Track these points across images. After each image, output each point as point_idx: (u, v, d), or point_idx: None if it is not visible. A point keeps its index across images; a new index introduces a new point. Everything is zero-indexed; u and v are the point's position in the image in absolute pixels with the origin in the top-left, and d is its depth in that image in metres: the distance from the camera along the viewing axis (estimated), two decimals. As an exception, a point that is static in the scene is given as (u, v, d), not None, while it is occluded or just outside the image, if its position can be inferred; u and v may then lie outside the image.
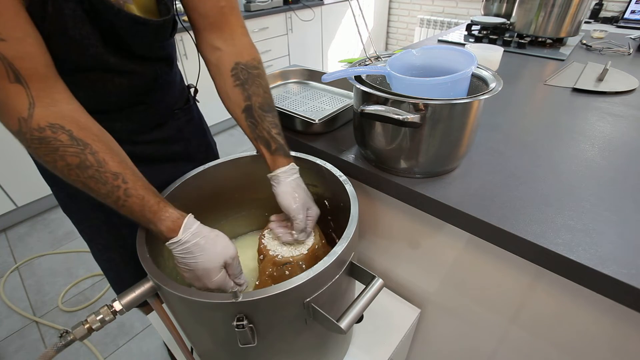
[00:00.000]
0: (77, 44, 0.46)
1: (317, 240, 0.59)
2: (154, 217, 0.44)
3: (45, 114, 0.40)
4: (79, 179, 0.42)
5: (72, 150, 0.40)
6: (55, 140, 0.40)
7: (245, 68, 0.57)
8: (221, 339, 0.47)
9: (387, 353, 0.67)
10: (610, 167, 0.59)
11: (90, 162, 0.41)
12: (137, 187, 0.44)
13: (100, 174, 0.42)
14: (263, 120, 0.57)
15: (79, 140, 0.41)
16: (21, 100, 0.39)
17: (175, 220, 0.45)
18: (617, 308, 0.43)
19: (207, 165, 0.62)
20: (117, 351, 1.27)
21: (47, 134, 0.40)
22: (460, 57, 0.55)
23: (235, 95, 0.57)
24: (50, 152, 0.40)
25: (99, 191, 0.43)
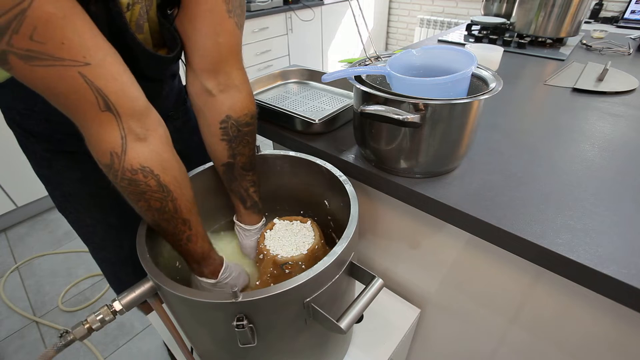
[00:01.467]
0: None
1: (317, 240, 0.59)
2: (203, 262, 0.51)
3: (137, 153, 0.40)
4: (154, 218, 0.44)
5: (157, 196, 0.42)
6: (144, 185, 0.41)
7: (237, 124, 0.53)
8: (221, 339, 0.47)
9: (387, 353, 0.67)
10: (610, 167, 0.59)
11: (169, 209, 0.44)
12: (198, 235, 0.49)
13: (174, 219, 0.45)
14: (242, 178, 0.58)
15: (164, 187, 0.43)
16: (112, 131, 0.37)
17: (217, 266, 0.53)
18: (617, 308, 0.43)
19: (206, 165, 0.62)
20: (117, 351, 1.27)
21: (139, 177, 0.40)
22: (460, 57, 0.55)
23: (220, 150, 0.55)
24: (137, 194, 0.41)
25: (166, 230, 0.46)
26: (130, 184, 0.40)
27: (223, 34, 0.47)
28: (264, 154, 0.65)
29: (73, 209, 0.68)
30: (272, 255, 0.57)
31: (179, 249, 0.49)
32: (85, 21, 0.34)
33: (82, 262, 1.63)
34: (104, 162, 0.39)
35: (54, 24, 0.31)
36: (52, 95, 0.35)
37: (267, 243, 0.60)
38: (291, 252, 0.57)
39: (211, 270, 0.53)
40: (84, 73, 0.34)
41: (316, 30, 2.94)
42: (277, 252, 0.58)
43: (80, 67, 0.33)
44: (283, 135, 0.74)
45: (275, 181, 0.69)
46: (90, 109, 0.36)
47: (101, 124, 0.37)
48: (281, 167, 0.67)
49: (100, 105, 0.36)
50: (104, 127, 0.37)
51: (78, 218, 0.69)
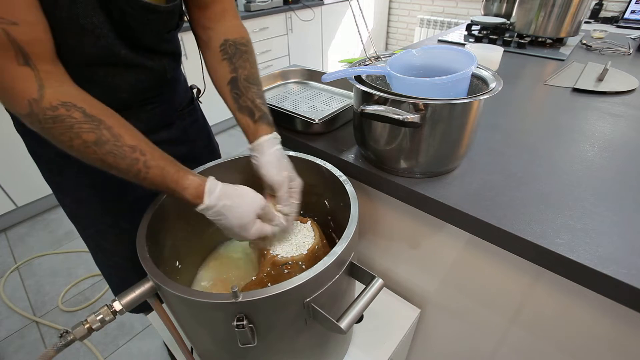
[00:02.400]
0: (88, 34, 0.46)
1: (317, 240, 0.59)
2: (176, 186, 0.45)
3: (56, 93, 0.39)
4: (97, 155, 0.41)
5: (87, 127, 0.40)
6: (69, 118, 0.39)
7: (234, 44, 0.58)
8: (221, 339, 0.47)
9: (387, 353, 0.67)
10: (610, 167, 0.59)
11: (107, 137, 0.41)
12: (155, 158, 0.44)
13: (118, 148, 0.41)
14: (248, 90, 0.57)
15: (92, 116, 0.41)
16: (30, 82, 0.38)
17: (197, 187, 0.46)
18: (617, 308, 0.43)
19: (207, 165, 0.62)
20: (117, 351, 1.27)
21: (61, 111, 0.39)
22: (460, 57, 0.55)
23: (222, 69, 0.58)
24: (65, 131, 0.39)
25: (118, 167, 0.42)
26: (54, 121, 0.39)
27: None
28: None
29: (85, 215, 0.68)
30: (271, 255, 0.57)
31: (147, 183, 0.44)
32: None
33: (82, 262, 1.63)
34: (24, 111, 0.39)
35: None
36: None
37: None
38: (291, 252, 0.57)
39: (192, 193, 0.45)
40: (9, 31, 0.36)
41: (316, 30, 2.94)
42: (276, 252, 0.58)
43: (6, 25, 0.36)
44: (283, 135, 0.73)
45: (275, 181, 0.69)
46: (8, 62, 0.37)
47: (18, 77, 0.38)
48: (281, 167, 0.67)
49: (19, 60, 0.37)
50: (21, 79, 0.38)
51: (90, 224, 0.69)
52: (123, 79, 0.54)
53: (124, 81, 0.54)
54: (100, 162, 0.42)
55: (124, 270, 0.74)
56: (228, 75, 0.57)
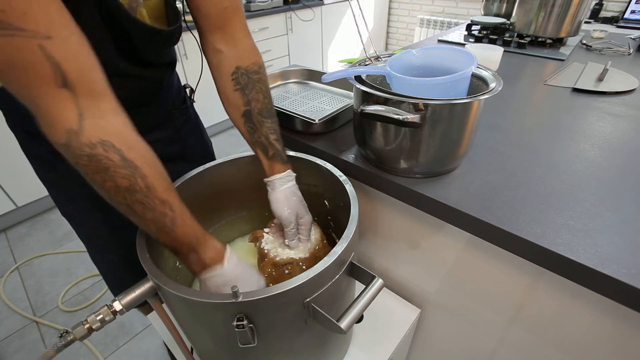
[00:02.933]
0: None
1: (317, 240, 0.59)
2: (199, 246, 0.45)
3: (96, 128, 0.37)
4: (125, 201, 0.40)
5: (123, 172, 0.38)
6: (107, 160, 0.37)
7: (246, 73, 0.57)
8: (221, 339, 0.47)
9: (387, 353, 0.67)
10: (610, 167, 0.59)
11: (140, 187, 0.40)
12: (184, 217, 0.44)
13: (149, 200, 0.40)
14: (262, 125, 0.57)
15: (129, 162, 0.39)
16: (69, 109, 0.35)
17: (220, 250, 0.47)
18: (617, 308, 0.43)
19: (207, 166, 0.62)
20: (117, 351, 1.27)
21: (99, 151, 0.37)
22: (460, 57, 0.55)
23: (235, 99, 0.57)
24: (100, 171, 0.38)
25: (144, 216, 0.41)
26: (90, 160, 0.37)
27: None
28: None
29: (77, 212, 0.68)
30: (272, 256, 0.57)
31: (167, 238, 0.43)
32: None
33: (82, 262, 1.63)
34: (61, 141, 0.36)
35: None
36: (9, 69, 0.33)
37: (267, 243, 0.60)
38: (291, 253, 0.57)
39: (213, 255, 0.46)
40: (45, 46, 0.33)
41: (316, 30, 2.94)
42: (277, 252, 0.58)
43: (41, 39, 0.32)
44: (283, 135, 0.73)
45: (275, 181, 0.69)
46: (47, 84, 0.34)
47: (57, 102, 0.35)
48: (281, 167, 0.67)
49: (58, 82, 0.34)
50: (60, 105, 0.35)
51: (82, 221, 0.69)
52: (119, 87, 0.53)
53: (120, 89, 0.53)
54: (127, 207, 0.40)
55: (117, 267, 0.75)
56: (242, 107, 0.57)
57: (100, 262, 0.77)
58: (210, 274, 0.46)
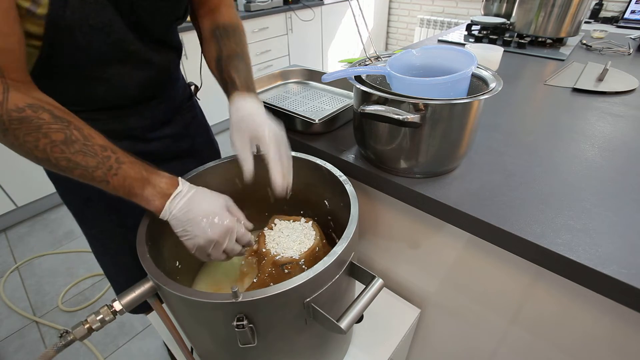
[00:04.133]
0: (98, 32, 0.46)
1: (317, 240, 0.59)
2: (151, 175, 0.45)
3: (22, 96, 0.39)
4: (63, 155, 0.40)
5: (57, 127, 0.39)
6: (37, 119, 0.38)
7: (223, 27, 0.62)
8: (221, 339, 0.47)
9: (387, 353, 0.67)
10: (610, 167, 0.59)
11: (76, 137, 0.40)
12: (127, 155, 0.44)
13: (88, 147, 0.41)
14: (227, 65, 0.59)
15: (61, 118, 0.40)
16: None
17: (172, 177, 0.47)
18: (617, 308, 0.43)
19: (207, 166, 0.62)
20: (117, 351, 1.27)
21: (28, 113, 0.38)
22: (460, 57, 0.55)
23: (211, 51, 0.61)
24: (32, 131, 0.38)
25: (87, 165, 0.41)
26: (20, 122, 0.38)
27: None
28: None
29: (91, 215, 0.68)
30: (272, 255, 0.57)
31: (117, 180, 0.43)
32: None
33: (82, 262, 1.63)
34: None
35: None
36: None
37: (267, 243, 0.60)
38: (291, 252, 0.57)
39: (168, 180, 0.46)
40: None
41: (316, 30, 2.94)
42: (277, 252, 0.58)
43: None
44: (283, 135, 0.74)
45: (275, 181, 0.69)
46: None
47: None
48: (281, 167, 0.67)
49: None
50: None
51: (95, 223, 0.69)
52: (132, 76, 0.55)
53: (133, 78, 0.55)
54: (66, 161, 0.40)
55: (130, 270, 0.74)
56: (214, 54, 0.60)
57: (111, 265, 0.77)
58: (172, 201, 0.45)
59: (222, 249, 0.48)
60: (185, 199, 0.45)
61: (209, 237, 0.45)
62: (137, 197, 0.44)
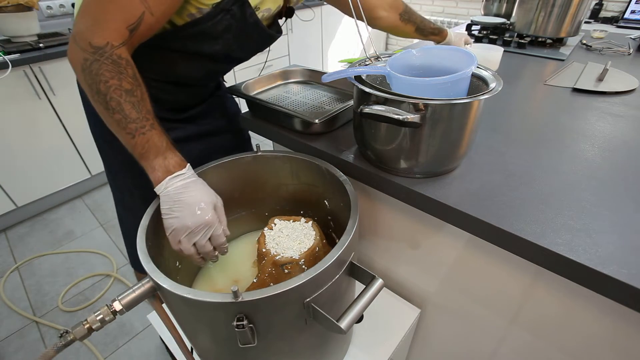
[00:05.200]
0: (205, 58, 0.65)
1: (317, 240, 0.59)
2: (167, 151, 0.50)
3: (127, 53, 0.50)
4: (120, 98, 0.47)
5: (130, 81, 0.48)
6: (124, 68, 0.48)
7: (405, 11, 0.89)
8: (221, 339, 0.47)
9: (387, 353, 0.67)
10: (610, 167, 0.59)
11: (137, 94, 0.49)
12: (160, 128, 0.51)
13: (139, 105, 0.49)
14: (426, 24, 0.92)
15: (138, 79, 0.50)
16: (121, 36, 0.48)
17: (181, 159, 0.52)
18: (617, 308, 0.43)
19: (206, 166, 0.62)
20: (117, 351, 1.27)
21: (122, 62, 0.48)
22: (460, 57, 0.55)
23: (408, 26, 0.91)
24: (115, 71, 0.47)
25: (129, 114, 0.48)
26: (114, 62, 0.47)
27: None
28: (264, 153, 0.65)
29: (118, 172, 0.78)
30: (272, 255, 0.57)
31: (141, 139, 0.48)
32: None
33: (82, 262, 1.63)
34: (98, 44, 0.47)
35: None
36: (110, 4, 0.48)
37: (267, 243, 0.60)
38: (291, 252, 0.57)
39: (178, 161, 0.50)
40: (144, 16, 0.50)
41: (316, 30, 2.94)
42: (277, 252, 0.58)
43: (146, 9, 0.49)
44: (283, 135, 0.74)
45: (275, 181, 0.69)
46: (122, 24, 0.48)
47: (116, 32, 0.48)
48: (281, 167, 0.67)
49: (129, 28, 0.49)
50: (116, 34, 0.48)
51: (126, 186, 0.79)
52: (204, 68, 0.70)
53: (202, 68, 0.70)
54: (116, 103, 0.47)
55: None
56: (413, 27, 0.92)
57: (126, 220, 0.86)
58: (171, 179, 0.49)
59: (193, 241, 0.49)
60: (183, 182, 0.49)
61: (186, 222, 0.48)
62: (147, 162, 0.49)
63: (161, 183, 0.48)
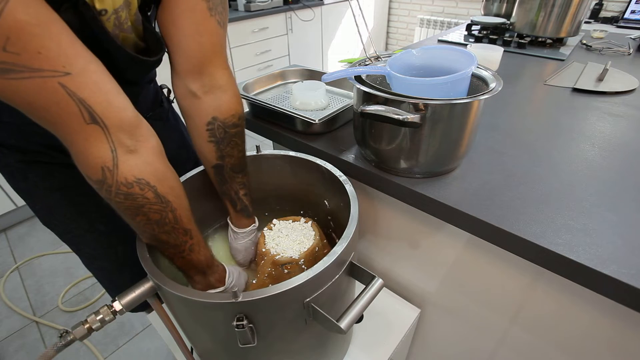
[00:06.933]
0: None
1: (317, 240, 0.59)
2: (208, 270, 0.50)
3: (130, 165, 0.37)
4: (153, 232, 0.42)
5: (156, 208, 0.41)
6: (142, 198, 0.39)
7: (223, 126, 0.52)
8: (221, 339, 0.47)
9: (387, 353, 0.67)
10: (610, 167, 0.59)
11: (169, 220, 0.43)
12: (200, 245, 0.48)
13: (175, 230, 0.44)
14: (232, 180, 0.58)
15: (162, 197, 0.41)
16: (101, 145, 0.35)
17: (222, 273, 0.53)
18: (617, 308, 0.43)
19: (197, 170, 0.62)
20: (117, 351, 1.27)
21: (135, 190, 0.38)
22: (460, 57, 0.55)
23: (208, 152, 0.54)
24: (134, 208, 0.39)
25: (167, 243, 0.44)
26: (126, 198, 0.38)
27: (205, 34, 0.46)
28: (264, 154, 0.65)
29: (58, 222, 0.64)
30: (272, 255, 0.57)
31: (181, 261, 0.48)
32: (62, 28, 0.32)
33: (82, 262, 1.63)
34: (96, 178, 0.37)
35: (29, 33, 0.28)
36: (32, 110, 0.32)
37: (267, 243, 0.60)
38: (291, 252, 0.57)
39: (217, 278, 0.52)
40: (65, 83, 0.31)
41: (316, 30, 2.94)
42: (277, 252, 0.58)
43: (60, 77, 0.31)
44: (283, 135, 0.74)
45: (275, 181, 0.69)
46: (75, 122, 0.33)
47: (88, 138, 0.34)
48: (281, 167, 0.67)
49: (85, 118, 0.33)
50: (91, 141, 0.35)
51: (65, 229, 0.66)
52: None
53: None
54: (152, 236, 0.43)
55: (110, 273, 0.73)
56: (214, 160, 0.55)
57: (92, 269, 0.75)
58: (215, 291, 0.52)
59: None
60: None
61: None
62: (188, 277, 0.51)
63: None
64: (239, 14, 2.32)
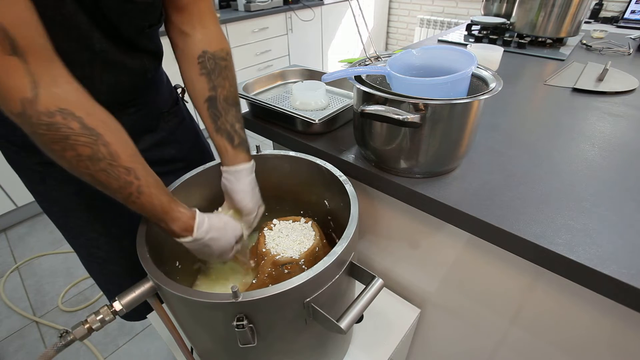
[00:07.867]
0: (58, 26, 0.41)
1: (317, 240, 0.59)
2: (165, 216, 0.45)
3: (52, 96, 0.36)
4: (88, 171, 0.39)
5: (84, 140, 0.37)
6: (66, 128, 0.36)
7: (213, 57, 0.55)
8: (221, 339, 0.47)
9: (387, 353, 0.67)
10: (610, 167, 0.59)
11: (103, 155, 0.38)
12: (149, 185, 0.43)
13: (113, 168, 0.39)
14: (227, 112, 0.56)
15: (91, 129, 0.38)
16: (21, 77, 0.34)
17: (187, 220, 0.47)
18: (617, 308, 0.43)
19: (206, 166, 0.62)
20: (117, 351, 1.27)
21: (58, 119, 0.35)
22: (460, 57, 0.55)
23: (199, 84, 0.55)
24: (59, 140, 0.36)
25: (109, 185, 0.40)
26: (49, 128, 0.35)
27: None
28: (264, 154, 0.65)
29: (74, 224, 0.65)
30: (272, 255, 0.57)
31: (135, 207, 0.43)
32: None
33: (82, 262, 1.63)
34: (16, 110, 0.34)
35: None
36: None
37: (267, 243, 0.60)
38: (291, 253, 0.57)
39: (181, 226, 0.46)
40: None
41: (316, 30, 2.94)
42: (277, 252, 0.58)
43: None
44: (283, 135, 0.74)
45: (275, 181, 0.69)
46: None
47: (7, 70, 0.33)
48: (281, 167, 0.67)
49: (6, 49, 0.32)
50: (11, 72, 0.33)
51: (80, 233, 0.66)
52: (101, 80, 0.51)
53: (102, 82, 0.51)
54: (90, 177, 0.40)
55: (120, 277, 0.73)
56: (206, 92, 0.55)
57: (101, 274, 0.74)
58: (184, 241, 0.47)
59: None
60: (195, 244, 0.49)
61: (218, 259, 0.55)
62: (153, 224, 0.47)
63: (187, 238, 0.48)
64: (239, 14, 2.32)
